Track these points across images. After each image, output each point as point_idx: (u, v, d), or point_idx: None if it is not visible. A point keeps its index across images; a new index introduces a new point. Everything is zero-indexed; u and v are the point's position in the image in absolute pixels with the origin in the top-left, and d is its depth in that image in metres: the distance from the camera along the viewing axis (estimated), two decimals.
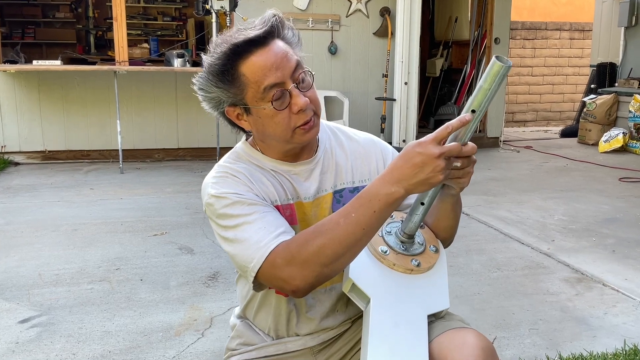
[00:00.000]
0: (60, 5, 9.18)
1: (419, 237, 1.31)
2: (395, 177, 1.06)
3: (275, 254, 1.13)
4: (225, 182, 1.26)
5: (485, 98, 1.05)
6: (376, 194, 1.08)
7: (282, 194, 1.32)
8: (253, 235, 1.16)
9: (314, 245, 1.09)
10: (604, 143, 7.40)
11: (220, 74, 1.22)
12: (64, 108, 6.44)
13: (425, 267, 1.27)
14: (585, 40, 10.57)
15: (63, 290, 2.99)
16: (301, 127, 1.25)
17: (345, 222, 1.09)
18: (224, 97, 1.26)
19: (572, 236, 3.94)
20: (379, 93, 7.09)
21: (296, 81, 1.22)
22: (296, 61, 1.23)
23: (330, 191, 1.38)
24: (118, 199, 4.84)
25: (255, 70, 1.20)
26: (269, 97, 1.21)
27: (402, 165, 1.06)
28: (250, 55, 1.20)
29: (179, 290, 2.98)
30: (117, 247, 3.63)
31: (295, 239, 1.14)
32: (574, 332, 2.60)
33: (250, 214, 1.19)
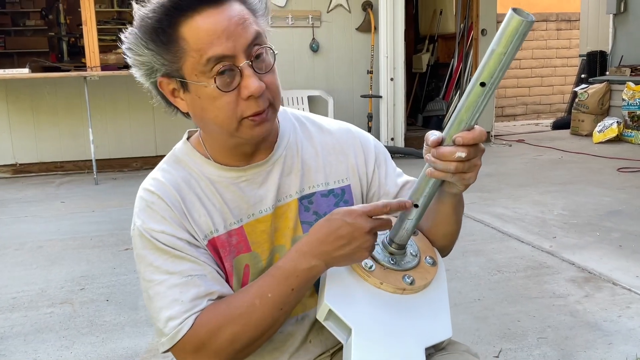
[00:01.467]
0: (31, 12, 8.86)
1: (411, 247, 1.06)
2: (316, 250, 0.93)
3: (185, 339, 0.95)
4: (152, 212, 1.01)
5: (499, 66, 0.80)
6: (293, 270, 0.94)
7: (224, 219, 1.04)
8: (166, 307, 0.96)
9: (226, 333, 0.94)
10: (598, 133, 7.18)
11: (153, 33, 0.93)
12: (34, 119, 6.13)
13: (420, 284, 1.01)
14: (573, 30, 10.39)
15: (19, 316, 2.69)
16: (250, 117, 0.96)
17: (262, 304, 0.94)
18: (157, 64, 0.96)
19: (574, 232, 3.69)
20: (365, 90, 6.83)
21: (251, 57, 0.94)
22: (255, 32, 0.95)
23: (295, 197, 1.09)
24: (90, 212, 4.54)
25: (199, 35, 0.92)
26: (213, 73, 0.92)
27: (325, 234, 0.93)
28: (195, 14, 0.92)
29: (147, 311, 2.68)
30: (84, 265, 3.34)
31: (207, 322, 0.95)
32: (587, 339, 2.34)
33: (172, 273, 0.97)
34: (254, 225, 1.06)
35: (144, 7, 0.94)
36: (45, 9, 8.95)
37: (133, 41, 0.95)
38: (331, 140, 1.16)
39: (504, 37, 0.78)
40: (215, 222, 1.03)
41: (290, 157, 1.10)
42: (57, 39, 9.00)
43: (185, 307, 0.95)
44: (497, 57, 0.79)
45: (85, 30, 6.09)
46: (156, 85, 1.01)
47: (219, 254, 1.03)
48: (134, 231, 1.01)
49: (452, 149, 0.87)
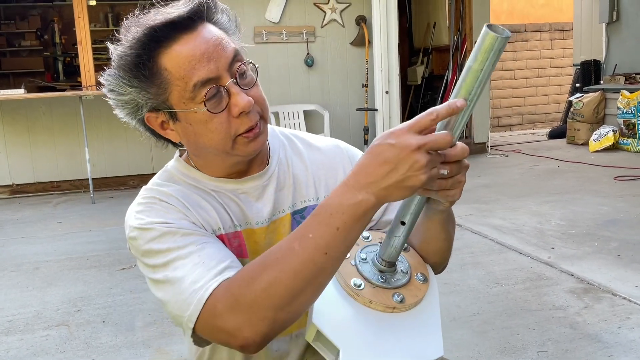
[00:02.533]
0: (26, 33, 8.88)
1: (402, 264, 1.02)
2: (362, 181, 0.78)
3: (215, 298, 0.84)
4: (151, 210, 0.98)
5: (476, 82, 0.78)
6: (339, 206, 0.79)
7: (226, 220, 1.04)
8: (188, 275, 0.88)
9: (262, 282, 0.81)
10: (594, 142, 7.18)
11: (134, 68, 0.93)
12: (30, 139, 6.13)
13: (411, 302, 0.98)
14: (566, 40, 10.45)
15: (15, 339, 2.66)
16: (244, 134, 0.96)
17: (302, 247, 0.81)
18: (142, 100, 0.96)
19: (572, 242, 3.67)
20: (360, 104, 6.84)
21: (235, 75, 0.94)
22: (234, 50, 0.96)
23: (288, 212, 1.09)
24: (86, 232, 4.52)
25: (180, 63, 0.92)
26: (201, 97, 0.92)
27: (369, 163, 0.78)
28: (173, 43, 0.92)
29: (144, 332, 2.66)
30: (80, 285, 3.31)
31: (238, 276, 0.85)
32: (588, 351, 2.32)
33: (184, 246, 0.91)
34: (250, 234, 1.06)
35: (120, 45, 0.94)
36: (41, 29, 8.97)
37: (114, 82, 0.95)
38: (320, 156, 1.16)
39: (479, 54, 0.76)
40: (222, 220, 1.03)
41: (282, 172, 1.11)
42: (53, 58, 9.02)
43: (208, 266, 0.88)
44: (474, 73, 0.78)
45: (81, 50, 6.11)
46: (144, 122, 1.01)
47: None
48: (133, 232, 0.96)
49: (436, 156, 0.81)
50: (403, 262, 1.03)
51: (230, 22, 1.01)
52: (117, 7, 9.22)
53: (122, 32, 0.95)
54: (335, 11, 6.81)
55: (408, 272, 1.02)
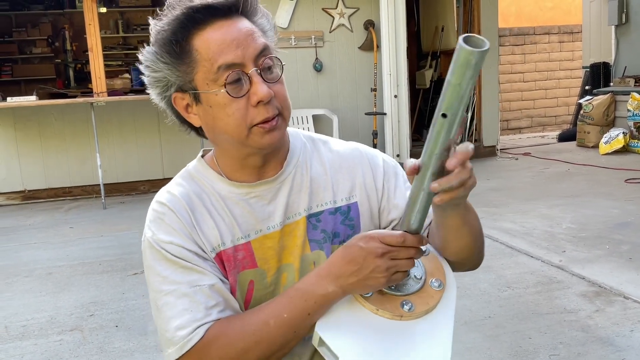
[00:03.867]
0: (37, 40, 8.96)
1: (417, 270, 1.00)
2: (333, 273, 0.93)
3: (194, 350, 0.95)
4: (162, 223, 1.02)
5: (457, 97, 0.75)
6: (312, 294, 0.94)
7: (231, 234, 1.05)
8: (175, 317, 0.97)
9: (237, 349, 0.95)
10: (605, 144, 7.15)
11: (168, 45, 0.97)
12: (42, 145, 6.18)
13: (420, 310, 0.96)
14: (575, 42, 10.41)
15: (29, 344, 2.69)
16: (260, 125, 0.98)
17: (276, 325, 0.95)
18: (171, 78, 1.00)
19: (583, 245, 3.66)
20: (369, 108, 6.85)
21: (259, 66, 0.97)
22: (263, 44, 0.99)
23: (303, 215, 1.09)
24: (98, 237, 4.56)
25: (210, 45, 0.96)
26: (223, 80, 0.96)
27: (340, 259, 0.93)
28: (207, 26, 0.96)
29: (157, 336, 2.68)
30: (93, 290, 3.34)
31: (218, 335, 0.96)
32: (600, 355, 2.32)
33: (180, 283, 0.98)
34: (262, 241, 1.06)
35: (160, 21, 0.98)
36: (52, 36, 9.05)
37: (150, 57, 1.00)
38: (339, 159, 1.16)
39: (456, 69, 0.73)
40: (223, 235, 1.05)
41: (299, 175, 1.11)
42: (64, 65, 9.10)
43: (195, 316, 0.96)
44: (453, 88, 0.75)
45: (92, 57, 6.16)
46: (171, 103, 1.04)
47: (224, 268, 1.05)
48: (144, 242, 1.03)
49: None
50: (418, 268, 1.01)
51: (269, 24, 1.04)
52: (126, 14, 9.30)
53: (165, 10, 0.99)
54: (344, 16, 6.83)
55: (422, 278, 1.00)
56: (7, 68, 8.79)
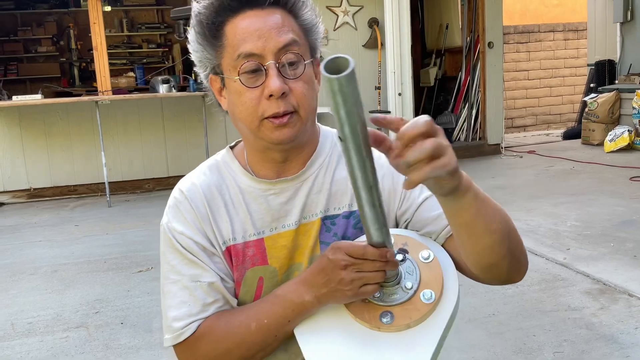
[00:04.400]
0: (42, 39, 9.00)
1: (410, 279, 0.92)
2: (308, 282, 0.95)
3: (186, 343, 1.02)
4: (177, 211, 1.07)
5: (341, 122, 0.68)
6: (290, 302, 0.97)
7: (244, 229, 1.06)
8: (174, 308, 1.03)
9: (221, 348, 1.00)
10: (610, 142, 7.13)
11: (204, 27, 1.00)
12: (47, 143, 6.21)
13: (400, 324, 0.89)
14: (580, 40, 10.38)
15: (35, 340, 2.71)
16: (270, 119, 0.98)
17: (257, 328, 0.98)
18: (206, 60, 1.03)
19: (588, 243, 3.66)
20: (373, 106, 6.85)
21: (279, 61, 0.97)
22: (290, 40, 0.98)
23: (319, 216, 1.08)
24: (103, 235, 4.58)
25: (236, 32, 0.98)
26: (240, 68, 0.98)
27: (314, 269, 0.95)
28: (238, 14, 0.98)
29: (162, 333, 2.69)
30: (98, 288, 3.36)
31: (207, 332, 1.01)
32: (604, 352, 2.32)
33: (183, 275, 1.04)
34: (276, 239, 1.07)
35: (199, 3, 1.00)
36: (57, 35, 9.09)
37: (191, 37, 1.03)
38: None
39: (329, 96, 0.66)
40: (235, 230, 1.06)
41: (321, 176, 1.09)
42: (69, 64, 9.13)
43: (191, 311, 1.01)
44: (335, 114, 0.68)
45: (96, 55, 6.18)
46: (209, 83, 1.07)
47: (232, 262, 1.06)
48: (162, 227, 1.08)
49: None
50: (413, 276, 0.93)
51: (314, 19, 1.03)
52: (131, 13, 9.33)
53: None
54: (348, 14, 6.83)
55: (413, 288, 0.92)
56: (13, 67, 8.84)
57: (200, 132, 6.27)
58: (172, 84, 6.14)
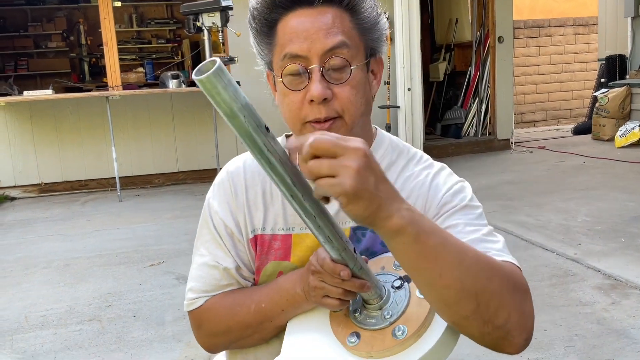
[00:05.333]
0: (52, 34, 9.03)
1: (392, 309, 0.87)
2: (300, 276, 0.97)
3: (194, 314, 1.08)
4: (219, 190, 1.10)
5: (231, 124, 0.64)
6: (285, 292, 0.99)
7: (274, 222, 1.05)
8: (194, 278, 1.08)
9: (222, 325, 1.05)
10: (620, 138, 7.09)
11: (258, 23, 0.99)
12: (58, 138, 6.24)
13: (361, 350, 0.85)
14: (591, 34, 10.30)
15: (49, 333, 2.74)
16: (311, 123, 0.96)
17: (255, 310, 1.02)
18: (260, 55, 1.03)
19: (599, 238, 3.65)
20: (382, 101, 6.84)
21: (324, 64, 0.93)
22: (338, 42, 0.93)
23: (350, 225, 1.03)
24: (115, 229, 4.61)
25: (285, 31, 0.96)
26: (284, 69, 0.96)
27: (306, 265, 0.95)
28: (290, 12, 0.96)
29: (175, 326, 2.72)
30: (111, 281, 3.39)
31: (213, 308, 1.06)
32: (616, 347, 2.32)
33: (207, 254, 1.08)
34: (304, 238, 1.04)
35: None
36: (67, 30, 9.12)
37: (251, 32, 1.02)
38: (407, 181, 1.05)
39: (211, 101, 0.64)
40: (267, 221, 1.06)
41: None
42: (79, 59, 9.16)
43: (205, 287, 1.06)
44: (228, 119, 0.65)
45: (106, 51, 6.21)
46: (266, 77, 1.07)
47: (256, 250, 1.07)
48: (206, 200, 1.11)
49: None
50: (397, 307, 0.87)
51: (373, 12, 0.98)
52: (140, 8, 9.35)
53: None
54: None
55: (390, 318, 0.86)
56: (23, 62, 8.89)
57: (210, 128, 6.28)
58: (181, 79, 6.16)
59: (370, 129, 1.09)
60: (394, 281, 0.90)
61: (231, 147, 6.23)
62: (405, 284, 0.89)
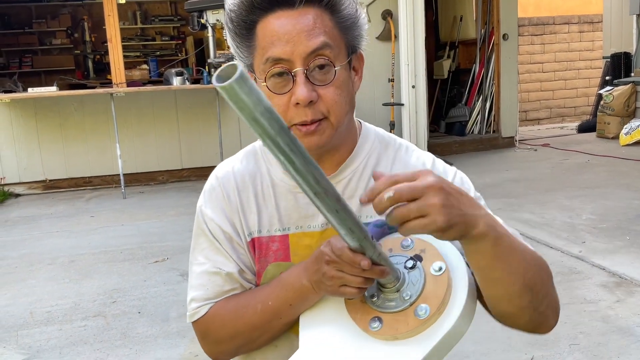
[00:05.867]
0: (57, 31, 9.05)
1: (410, 289, 0.87)
2: (306, 269, 0.94)
3: (198, 324, 1.06)
4: (210, 197, 1.08)
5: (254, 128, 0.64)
6: (291, 286, 0.97)
7: (270, 223, 1.04)
8: (193, 288, 1.06)
9: (229, 329, 1.03)
10: (625, 135, 7.07)
11: (236, 25, 0.97)
12: (62, 135, 6.26)
13: (386, 334, 0.86)
14: (596, 32, 10.27)
15: (54, 329, 2.75)
16: (297, 126, 0.95)
17: (262, 310, 0.99)
18: (240, 57, 1.00)
19: (603, 236, 3.64)
20: (386, 98, 6.84)
21: (307, 67, 0.92)
22: (321, 43, 0.92)
23: None
24: (119, 226, 4.62)
25: (266, 34, 0.93)
26: (267, 73, 0.94)
27: (312, 256, 0.93)
28: (270, 14, 0.93)
29: (179, 322, 2.72)
30: (115, 278, 3.40)
31: (216, 314, 1.04)
32: (620, 345, 2.31)
33: (207, 262, 1.06)
34: (301, 237, 1.04)
35: (231, 1, 0.97)
36: (71, 27, 9.14)
37: (229, 34, 1.00)
38: (399, 169, 1.07)
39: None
40: (262, 223, 1.05)
41: (355, 181, 1.05)
42: (83, 56, 9.19)
43: (207, 295, 1.04)
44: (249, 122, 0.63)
45: (111, 48, 6.22)
46: None
47: (255, 254, 1.05)
48: (197, 208, 1.10)
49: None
50: (414, 287, 0.88)
51: (354, 12, 0.97)
52: (145, 5, 9.36)
53: None
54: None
55: (410, 299, 0.87)
56: (28, 59, 8.91)
57: (213, 125, 6.29)
58: (185, 77, 6.17)
59: (355, 124, 1.08)
60: (405, 262, 0.90)
61: (235, 143, 6.23)
62: (417, 263, 0.90)
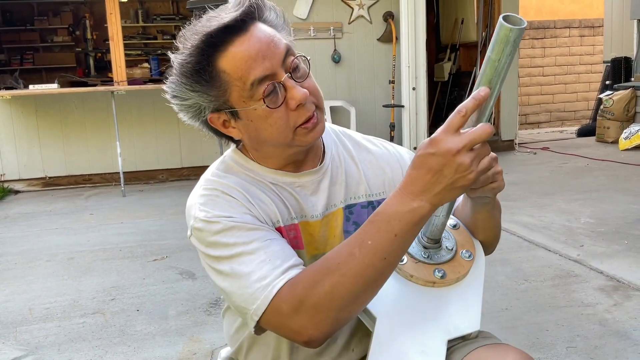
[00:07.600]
0: (58, 29, 9.06)
1: (448, 241, 1.07)
2: (416, 190, 0.84)
3: (280, 298, 0.90)
4: (216, 202, 1.00)
5: (495, 73, 0.82)
6: (395, 213, 0.85)
7: (284, 213, 1.06)
8: (255, 270, 0.92)
9: (325, 286, 0.87)
10: (625, 140, 7.09)
11: (196, 74, 0.97)
12: (63, 133, 6.27)
13: (452, 278, 1.04)
14: (596, 36, 10.29)
15: (53, 325, 2.75)
16: (303, 125, 1.00)
17: (362, 253, 0.86)
18: (204, 103, 1.01)
19: (602, 240, 3.65)
20: (386, 100, 6.85)
21: (289, 70, 0.98)
22: (285, 46, 1.00)
23: (340, 206, 1.12)
24: (118, 224, 4.63)
25: (237, 64, 0.96)
26: (259, 94, 0.96)
27: (416, 174, 0.84)
28: (229, 46, 0.96)
29: (177, 320, 2.73)
30: (114, 275, 3.40)
31: (302, 278, 0.90)
32: (617, 348, 2.32)
33: (250, 242, 0.95)
34: (305, 225, 1.08)
35: (180, 54, 0.98)
36: (73, 25, 9.15)
37: (177, 88, 1.00)
38: (368, 155, 1.19)
39: (495, 45, 0.80)
40: (280, 212, 1.05)
41: (335, 167, 1.13)
42: (84, 54, 9.19)
43: (275, 264, 0.92)
44: (492, 64, 0.82)
45: (112, 46, 6.23)
46: (207, 122, 1.05)
47: None
48: (198, 223, 0.99)
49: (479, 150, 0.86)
50: (450, 239, 1.07)
51: (279, 18, 1.04)
52: (146, 4, 9.37)
53: (180, 41, 0.99)
54: (363, 7, 6.81)
55: (454, 249, 1.06)
56: (29, 56, 8.92)
57: None
58: None
59: None
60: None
61: None
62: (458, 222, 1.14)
